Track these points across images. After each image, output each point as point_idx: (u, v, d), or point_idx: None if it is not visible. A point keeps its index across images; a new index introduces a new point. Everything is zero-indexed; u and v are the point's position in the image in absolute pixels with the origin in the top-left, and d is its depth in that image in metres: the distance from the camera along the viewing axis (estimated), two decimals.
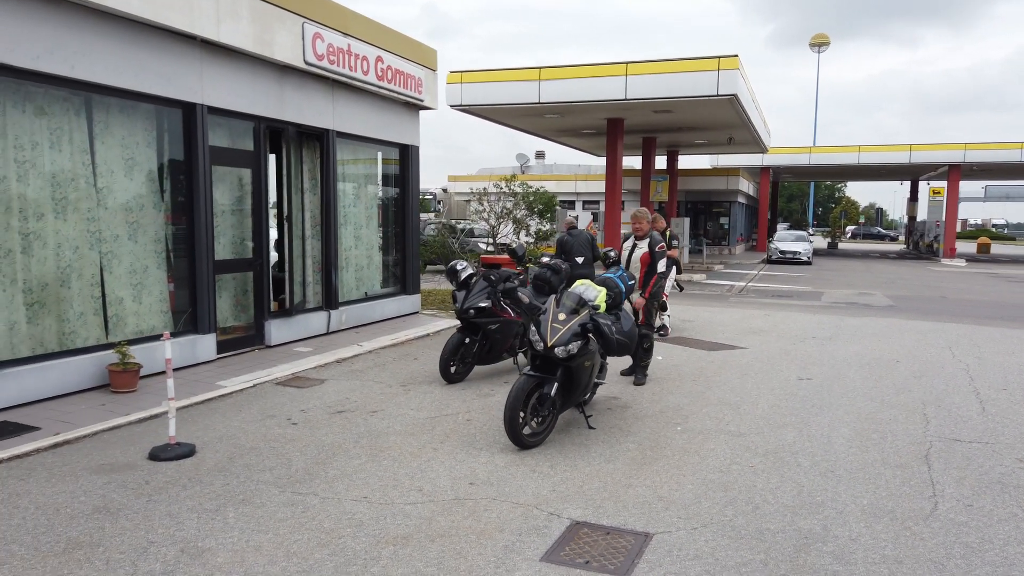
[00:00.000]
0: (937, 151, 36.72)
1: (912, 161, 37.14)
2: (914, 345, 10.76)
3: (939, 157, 36.78)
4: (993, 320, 14.11)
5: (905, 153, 37.01)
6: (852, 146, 37.56)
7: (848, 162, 37.87)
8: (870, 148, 37.56)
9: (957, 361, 9.54)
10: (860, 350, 10.26)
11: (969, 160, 36.31)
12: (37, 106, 6.88)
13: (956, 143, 36.44)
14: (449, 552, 4.10)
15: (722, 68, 18.69)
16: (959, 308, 16.28)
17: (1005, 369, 9.09)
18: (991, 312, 15.59)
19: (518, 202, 14.23)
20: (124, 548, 4.10)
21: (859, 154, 37.61)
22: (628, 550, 4.15)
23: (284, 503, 4.75)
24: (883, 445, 6.03)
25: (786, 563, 4.00)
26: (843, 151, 37.76)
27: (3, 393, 6.48)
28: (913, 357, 9.77)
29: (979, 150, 36.19)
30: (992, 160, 36.31)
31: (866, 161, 37.64)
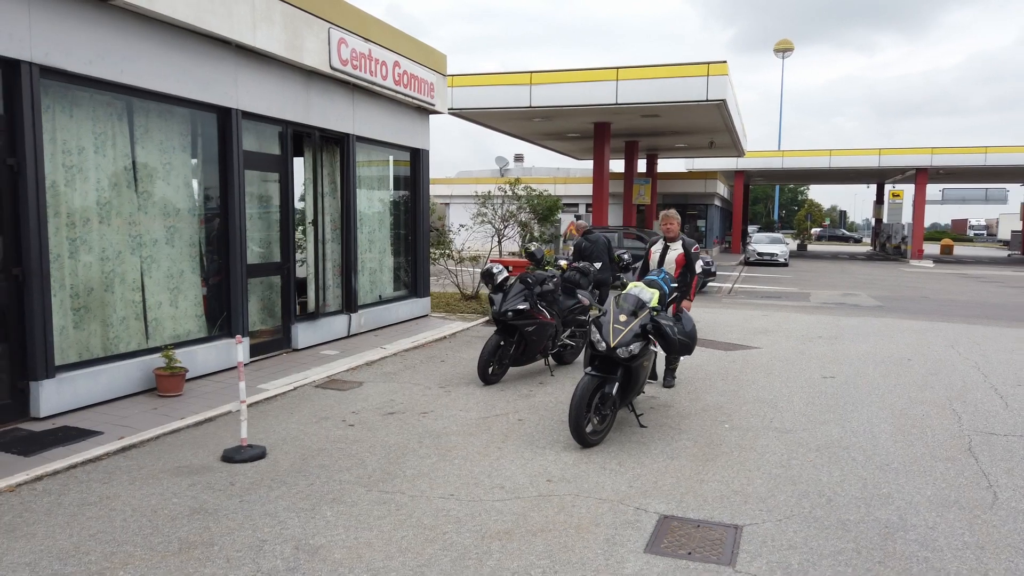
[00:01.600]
0: (905, 155, 37.77)
1: (881, 165, 38.13)
2: (917, 344, 11.16)
3: (907, 161, 37.84)
4: (982, 319, 14.64)
5: (874, 157, 37.98)
6: (824, 150, 38.44)
7: (820, 166, 38.75)
8: (841, 152, 38.46)
9: (964, 359, 9.94)
10: (869, 349, 10.62)
11: (936, 164, 37.41)
12: (83, 111, 6.88)
13: (923, 147, 37.54)
14: (555, 546, 4.25)
15: (711, 74, 19.10)
16: (944, 308, 16.83)
17: (1012, 366, 9.49)
18: (976, 312, 16.15)
19: (522, 205, 14.39)
20: (239, 547, 4.18)
21: (830, 158, 38.50)
22: (723, 542, 4.35)
23: (375, 501, 4.86)
24: (926, 439, 6.31)
25: (877, 551, 4.22)
26: (815, 155, 38.61)
27: (60, 398, 6.47)
28: (922, 356, 10.15)
29: (945, 154, 37.33)
30: (957, 164, 37.48)
31: (837, 165, 38.53)
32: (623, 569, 3.98)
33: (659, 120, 22.54)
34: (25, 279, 6.20)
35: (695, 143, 28.05)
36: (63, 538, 4.27)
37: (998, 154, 36.62)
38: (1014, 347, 11.05)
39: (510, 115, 21.68)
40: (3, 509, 4.65)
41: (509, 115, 21.69)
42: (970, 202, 79.72)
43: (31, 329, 6.23)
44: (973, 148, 36.97)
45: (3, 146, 6.06)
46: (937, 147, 37.34)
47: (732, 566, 4.03)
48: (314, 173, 10.07)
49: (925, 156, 37.51)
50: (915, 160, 37.70)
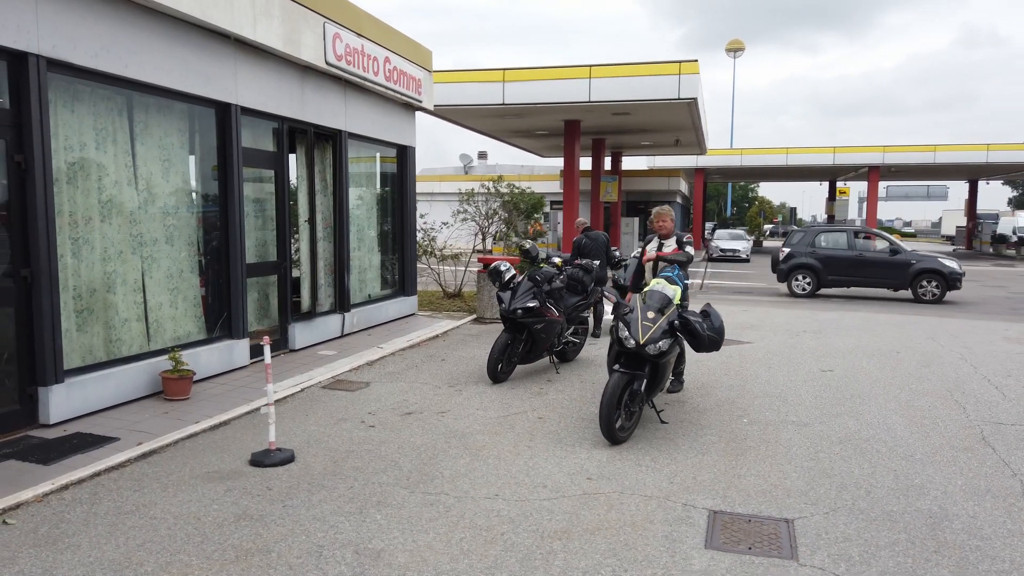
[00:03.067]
0: (858, 153, 38.71)
1: (836, 163, 39.01)
2: (900, 337, 11.45)
3: (860, 159, 38.77)
4: (950, 312, 15.08)
5: (829, 155, 38.83)
6: (780, 148, 39.17)
7: (777, 163, 39.48)
8: (797, 150, 39.22)
9: (949, 351, 10.23)
10: (856, 343, 10.86)
11: (888, 162, 38.41)
12: (85, 106, 6.64)
13: (875, 146, 38.49)
14: (616, 544, 4.25)
15: (683, 72, 19.26)
16: (910, 302, 17.28)
17: (997, 357, 9.81)
18: (940, 305, 16.63)
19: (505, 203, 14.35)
20: (297, 553, 4.09)
21: (787, 156, 39.24)
22: (779, 535, 4.40)
23: (422, 503, 4.80)
24: (940, 430, 6.48)
25: (930, 540, 4.32)
26: (772, 153, 39.33)
27: (69, 403, 6.25)
28: (909, 348, 10.42)
29: (896, 152, 38.34)
30: (908, 162, 38.53)
31: (793, 163, 39.30)
32: (691, 566, 4.00)
33: (629, 118, 22.68)
34: (34, 280, 5.96)
35: (660, 141, 28.30)
36: (110, 549, 4.12)
37: (946, 152, 37.74)
38: (990, 339, 11.42)
39: (482, 112, 21.57)
40: (37, 520, 4.47)
41: (481, 112, 21.58)
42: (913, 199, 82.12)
43: (40, 332, 6.00)
44: (923, 146, 38.05)
45: (10, 142, 5.82)
46: (889, 145, 38.36)
47: (796, 560, 4.08)
48: (308, 170, 9.89)
49: (877, 154, 38.46)
50: (868, 158, 38.63)
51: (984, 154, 37.36)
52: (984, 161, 37.47)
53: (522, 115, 22.29)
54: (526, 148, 30.50)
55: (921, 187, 77.54)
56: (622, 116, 22.32)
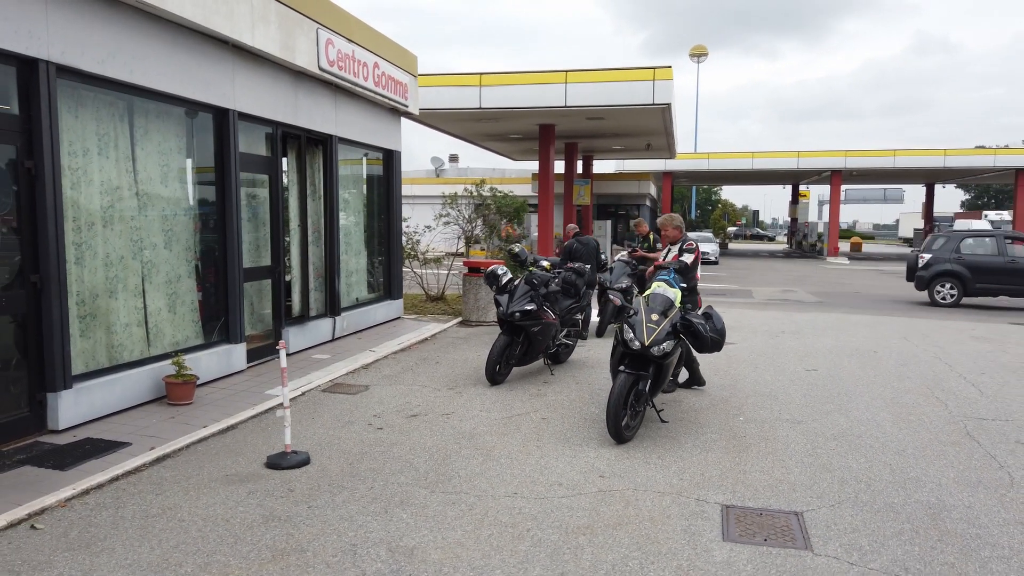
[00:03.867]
0: (822, 157, 39.57)
1: (799, 167, 39.82)
2: (874, 337, 11.84)
3: (823, 163, 39.64)
4: (918, 312, 15.60)
5: (793, 159, 39.64)
6: (746, 152, 39.89)
7: (743, 167, 40.19)
8: (762, 154, 39.98)
9: (923, 350, 10.62)
10: (834, 343, 11.21)
11: (850, 166, 39.33)
12: (88, 111, 6.64)
13: (838, 150, 39.43)
14: (639, 538, 4.43)
15: (657, 79, 19.60)
16: (878, 302, 17.82)
17: (969, 356, 10.22)
18: (906, 305, 17.16)
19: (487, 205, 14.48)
20: (332, 552, 4.19)
21: (752, 160, 39.98)
22: (790, 527, 4.61)
23: (444, 503, 4.93)
24: (926, 426, 6.78)
25: (933, 530, 4.57)
26: (739, 157, 40.02)
27: (77, 409, 6.25)
28: (885, 348, 10.79)
29: (857, 157, 39.29)
30: (868, 166, 39.50)
31: (759, 166, 40.05)
32: (713, 557, 4.19)
33: (603, 123, 22.97)
34: (43, 286, 5.96)
35: (632, 145, 28.67)
36: (145, 551, 4.18)
37: (905, 157, 38.78)
38: (960, 338, 11.86)
39: (459, 116, 21.69)
40: (65, 525, 4.51)
41: (458, 116, 21.70)
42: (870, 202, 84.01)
43: (49, 338, 6.00)
44: (883, 151, 39.06)
45: (21, 148, 5.82)
46: (850, 150, 39.27)
47: (811, 550, 4.29)
48: (299, 175, 9.94)
49: (839, 159, 39.36)
50: (830, 162, 39.51)
51: (942, 159, 38.45)
52: (942, 165, 38.56)
53: (498, 119, 22.45)
54: (499, 152, 30.67)
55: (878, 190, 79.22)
56: (596, 121, 22.61)
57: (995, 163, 38.92)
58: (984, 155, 40.85)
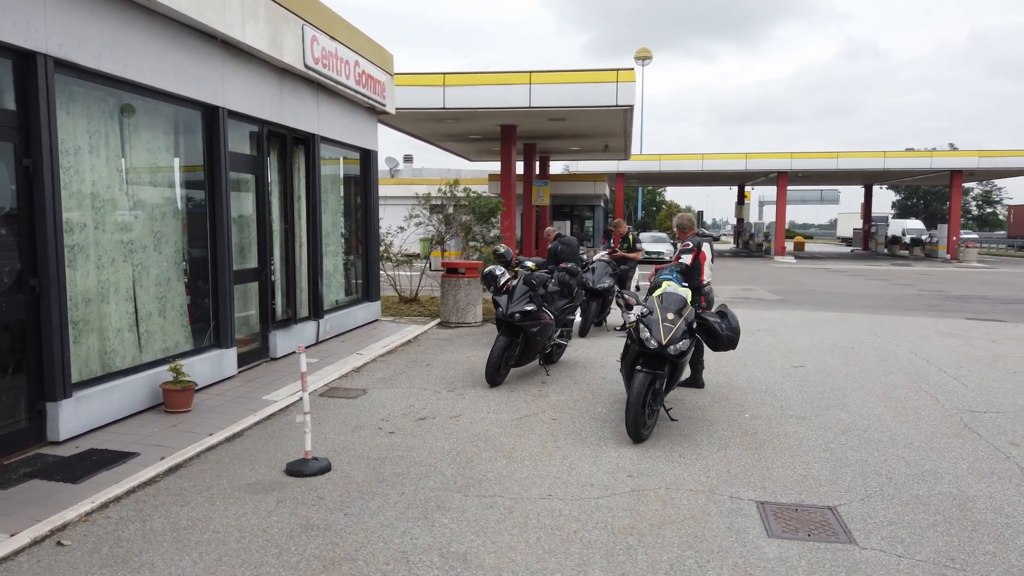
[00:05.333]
0: (768, 159, 40.47)
1: (748, 168, 40.68)
2: (846, 333, 12.15)
3: (770, 165, 40.55)
4: (878, 309, 16.07)
5: (742, 161, 40.45)
6: (697, 154, 40.56)
7: (693, 169, 40.86)
8: (712, 156, 40.71)
9: (897, 346, 10.95)
10: (810, 340, 11.46)
11: (795, 168, 40.32)
12: (79, 107, 6.36)
13: (784, 152, 40.37)
14: (687, 537, 4.44)
15: (620, 80, 19.79)
16: (837, 300, 18.30)
17: (942, 350, 10.56)
18: (867, 302, 17.68)
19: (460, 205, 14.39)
20: (384, 559, 4.09)
21: (703, 161, 40.68)
22: (828, 522, 4.69)
23: (481, 506, 4.86)
24: (925, 419, 6.98)
25: (965, 521, 4.70)
26: (689, 158, 40.67)
27: (77, 419, 5.99)
28: (860, 344, 11.08)
29: (803, 158, 40.30)
30: (813, 168, 40.58)
31: (709, 168, 40.78)
32: (764, 554, 4.22)
33: (564, 123, 23.08)
34: (42, 291, 5.69)
35: (590, 146, 28.89)
36: (188, 565, 4.01)
37: (847, 159, 39.96)
38: (926, 333, 12.26)
39: (421, 116, 21.53)
40: (93, 540, 4.30)
41: (420, 116, 21.53)
42: (808, 203, 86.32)
43: (49, 345, 5.72)
44: (827, 153, 40.17)
45: (19, 146, 5.54)
46: (796, 152, 40.27)
47: (855, 544, 4.36)
48: (283, 175, 9.71)
49: (785, 160, 40.32)
50: (777, 164, 40.44)
51: (881, 161, 39.73)
52: (881, 167, 39.83)
53: (460, 119, 22.36)
54: (456, 152, 30.55)
55: (815, 191, 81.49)
56: (558, 122, 22.70)
57: (931, 165, 40.39)
58: (921, 157, 42.41)
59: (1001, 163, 38.96)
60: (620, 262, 12.31)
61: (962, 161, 39.72)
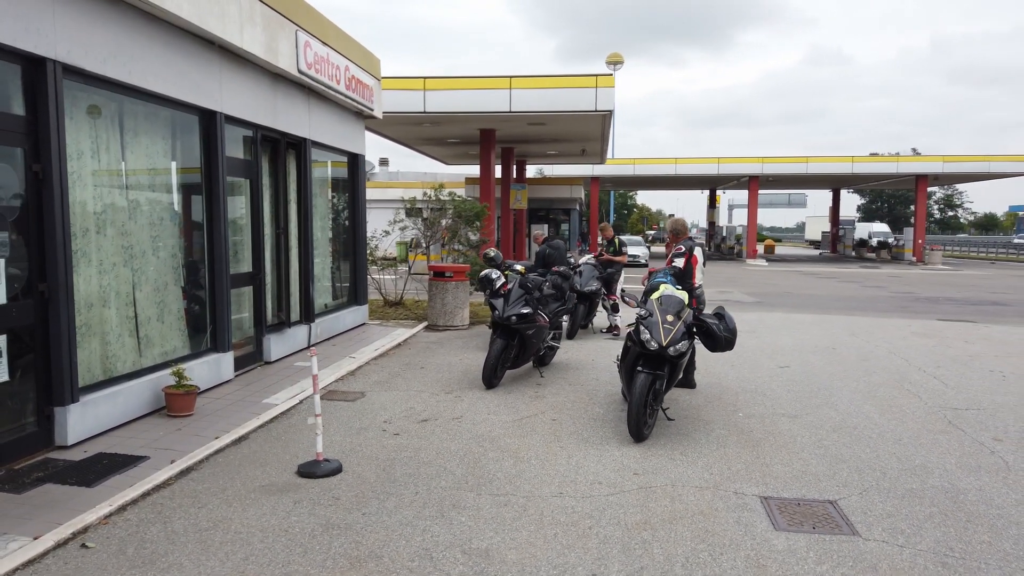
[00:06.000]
0: (740, 164, 41.08)
1: (720, 172, 41.28)
2: (825, 334, 12.46)
3: (742, 169, 41.17)
4: (852, 311, 16.46)
5: (714, 165, 41.04)
6: (670, 158, 41.02)
7: (667, 173, 41.33)
8: (685, 160, 41.21)
9: (876, 346, 11.26)
10: (791, 341, 11.74)
11: (766, 172, 40.98)
12: (82, 112, 6.38)
13: (755, 157, 40.99)
14: (698, 531, 4.60)
15: (600, 86, 20.03)
16: (812, 302, 18.68)
17: (919, 351, 10.89)
18: (840, 304, 18.08)
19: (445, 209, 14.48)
20: (408, 556, 4.20)
21: (676, 166, 41.17)
22: (831, 515, 4.88)
23: (495, 504, 4.98)
24: (911, 416, 7.24)
25: (959, 512, 4.92)
26: (663, 163, 41.13)
27: (84, 423, 6.00)
28: (841, 345, 11.38)
29: (774, 163, 40.95)
30: (783, 172, 41.27)
31: (682, 172, 41.28)
32: (774, 546, 4.40)
33: (543, 128, 23.26)
34: (50, 295, 5.70)
35: (567, 150, 29.12)
36: (216, 564, 4.08)
37: (817, 163, 40.68)
38: (902, 334, 12.61)
39: (400, 119, 21.58)
40: (117, 542, 4.35)
41: (399, 119, 21.58)
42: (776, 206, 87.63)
43: (57, 350, 5.73)
44: (797, 158, 40.85)
45: (28, 151, 5.55)
46: (767, 157, 40.91)
47: (859, 536, 4.55)
48: (276, 179, 9.74)
49: (757, 165, 40.95)
50: (749, 168, 41.07)
51: (850, 165, 40.54)
52: (850, 171, 40.64)
53: (439, 123, 22.44)
54: (433, 156, 30.61)
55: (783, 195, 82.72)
56: (538, 126, 22.88)
57: (898, 170, 41.29)
58: (888, 162, 43.33)
59: (964, 167, 39.94)
60: (606, 265, 12.49)
61: (927, 166, 40.61)
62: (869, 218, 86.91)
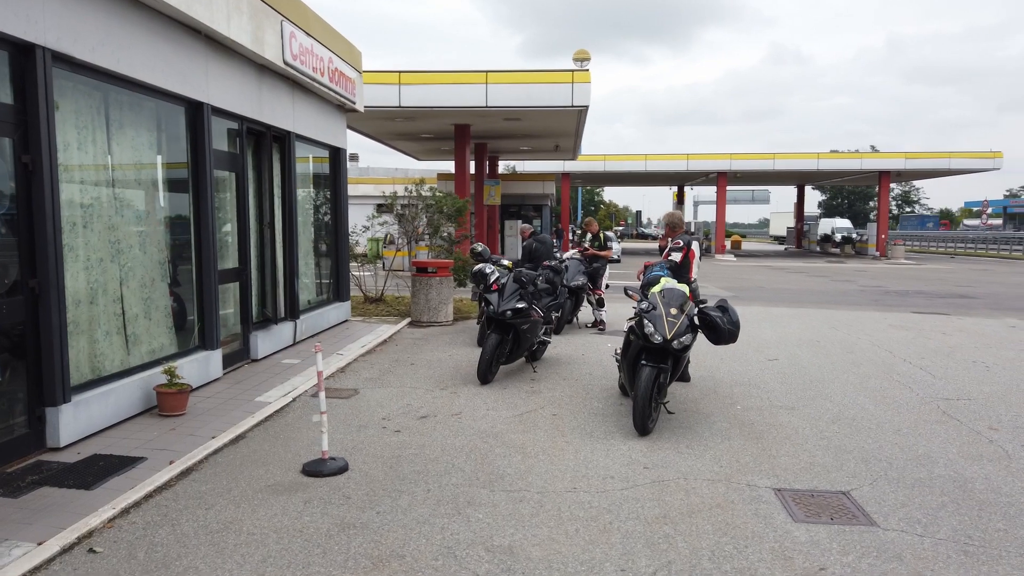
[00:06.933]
0: (709, 160, 41.43)
1: (689, 169, 41.58)
2: (807, 327, 12.58)
3: (710, 165, 41.54)
4: (827, 304, 16.67)
5: (683, 162, 41.32)
6: (640, 155, 41.20)
7: (637, 169, 41.53)
8: (655, 156, 41.43)
9: (858, 339, 11.40)
10: (776, 334, 11.84)
11: (734, 168, 41.41)
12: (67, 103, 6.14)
13: (724, 153, 41.38)
14: (719, 524, 4.58)
15: (576, 81, 20.02)
16: (786, 296, 18.90)
17: (901, 343, 11.05)
18: (815, 298, 18.31)
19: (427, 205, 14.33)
20: (432, 555, 4.11)
21: (646, 162, 41.37)
22: (846, 506, 4.89)
23: (510, 500, 4.91)
24: (906, 407, 7.32)
25: (970, 501, 4.96)
26: (633, 159, 41.30)
27: (76, 424, 5.80)
28: (824, 338, 11.50)
29: (742, 159, 41.39)
30: (751, 168, 41.71)
31: (652, 168, 41.50)
32: (796, 538, 4.39)
33: (518, 123, 23.16)
34: (41, 292, 5.49)
35: (540, 146, 29.06)
36: (233, 567, 3.95)
37: (784, 160, 41.19)
38: (881, 327, 12.79)
39: (375, 114, 21.33)
40: (126, 546, 4.19)
41: (373, 114, 21.33)
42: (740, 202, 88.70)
43: (48, 348, 5.52)
44: (764, 155, 41.32)
45: (17, 142, 5.33)
46: (735, 153, 41.34)
47: (877, 526, 4.57)
48: (261, 173, 9.54)
49: (725, 161, 41.36)
50: (717, 165, 41.45)
51: (815, 162, 41.10)
52: (815, 168, 41.21)
53: (413, 118, 22.22)
54: (406, 151, 30.35)
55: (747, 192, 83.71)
56: (513, 121, 22.79)
57: (861, 166, 41.99)
58: (852, 158, 44.10)
59: (926, 164, 40.71)
60: (591, 260, 12.47)
61: (890, 162, 41.33)
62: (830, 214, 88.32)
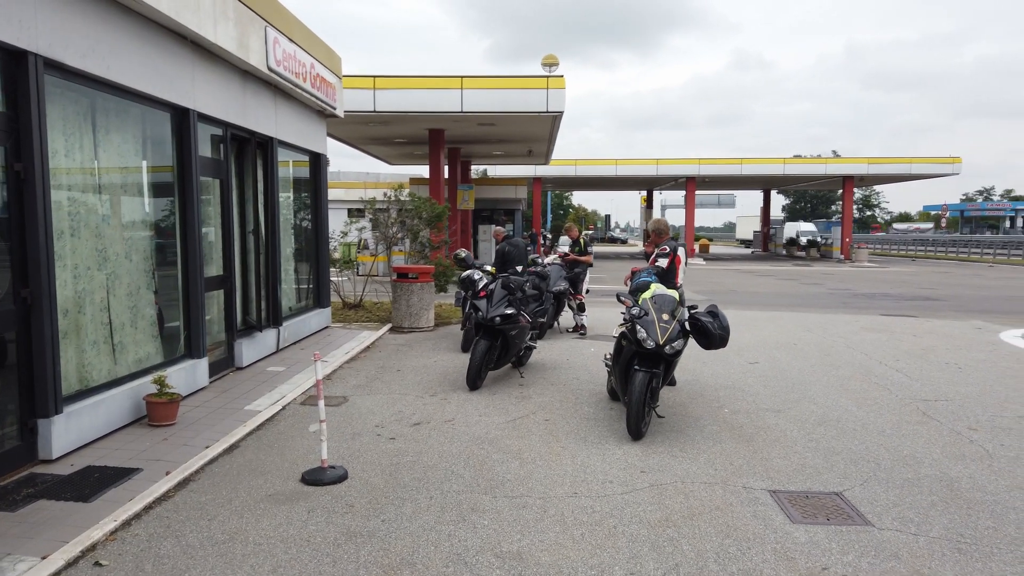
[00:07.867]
0: (678, 165, 41.88)
1: (659, 173, 42.01)
2: (782, 331, 12.80)
3: (680, 170, 41.99)
4: (799, 307, 16.97)
5: (653, 166, 41.73)
6: (611, 159, 41.58)
7: (607, 174, 41.89)
8: (625, 161, 41.84)
9: (833, 342, 11.63)
10: (753, 337, 12.02)
11: (703, 173, 41.93)
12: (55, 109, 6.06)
13: (692, 158, 41.90)
14: (719, 525, 4.67)
15: (551, 87, 20.15)
16: (758, 299, 19.20)
17: (875, 345, 11.30)
18: (786, 301, 18.63)
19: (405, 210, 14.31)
20: (443, 562, 4.14)
21: (616, 167, 41.75)
22: (840, 507, 5.01)
23: (514, 507, 4.95)
24: (887, 409, 7.50)
25: (959, 500, 5.12)
26: (603, 164, 41.67)
27: (68, 435, 5.72)
28: (800, 341, 11.72)
29: (710, 164, 41.95)
30: (719, 173, 42.31)
31: (622, 173, 41.90)
32: (796, 539, 4.49)
33: (492, 128, 23.25)
34: (33, 302, 5.41)
35: (513, 151, 29.17)
36: None
37: (751, 165, 41.88)
38: (853, 329, 13.06)
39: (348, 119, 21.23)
40: (132, 559, 4.16)
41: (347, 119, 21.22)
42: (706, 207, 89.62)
43: (40, 358, 5.45)
44: (732, 160, 42.01)
45: (9, 149, 5.26)
46: (704, 158, 41.88)
47: (872, 525, 4.69)
48: (240, 179, 9.47)
49: (694, 166, 41.86)
50: (686, 169, 41.92)
51: (782, 167, 41.81)
52: (782, 173, 41.90)
53: (388, 123, 22.19)
54: (378, 156, 30.26)
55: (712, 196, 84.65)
56: (487, 126, 22.85)
57: (826, 171, 42.77)
58: (818, 163, 44.87)
59: (888, 169, 41.62)
60: (572, 265, 12.56)
61: (854, 167, 42.18)
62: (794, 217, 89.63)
